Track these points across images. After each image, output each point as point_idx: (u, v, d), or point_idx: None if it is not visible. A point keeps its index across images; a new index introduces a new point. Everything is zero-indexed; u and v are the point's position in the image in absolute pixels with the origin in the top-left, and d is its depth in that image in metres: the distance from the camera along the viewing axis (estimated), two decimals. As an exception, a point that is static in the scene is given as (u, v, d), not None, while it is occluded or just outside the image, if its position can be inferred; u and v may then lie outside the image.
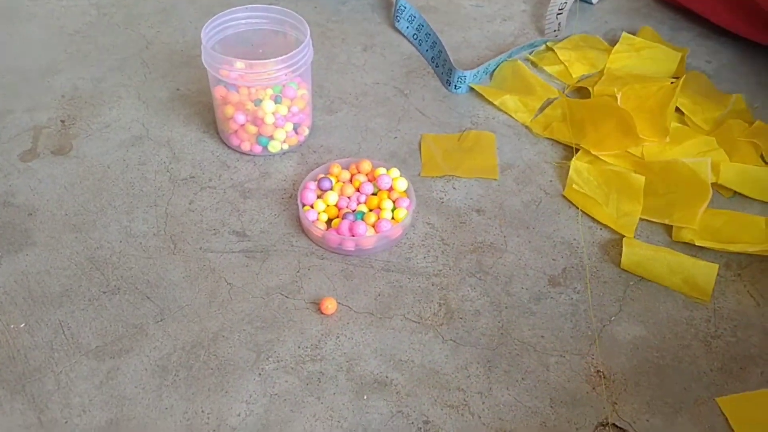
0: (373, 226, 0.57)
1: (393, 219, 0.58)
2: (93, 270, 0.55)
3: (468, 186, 0.63)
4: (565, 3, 0.80)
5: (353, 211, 0.58)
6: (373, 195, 0.60)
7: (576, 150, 0.65)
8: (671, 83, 0.68)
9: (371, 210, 0.59)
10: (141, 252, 0.56)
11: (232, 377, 0.49)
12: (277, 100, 0.62)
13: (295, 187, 0.62)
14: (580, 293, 0.54)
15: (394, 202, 0.59)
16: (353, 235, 0.56)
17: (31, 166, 0.63)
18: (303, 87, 0.64)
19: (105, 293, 0.53)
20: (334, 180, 0.60)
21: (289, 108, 0.63)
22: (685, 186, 0.59)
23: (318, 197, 0.59)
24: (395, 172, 0.61)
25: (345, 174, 0.61)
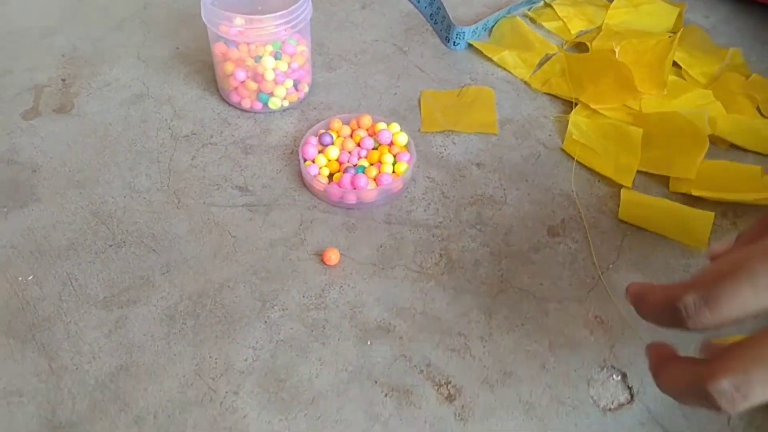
0: (374, 179, 0.57)
1: (394, 173, 0.58)
2: (98, 224, 0.56)
3: (468, 141, 0.63)
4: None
5: (354, 166, 0.59)
6: (374, 150, 0.60)
7: (575, 104, 0.65)
8: (669, 37, 0.68)
9: (372, 164, 0.59)
10: (145, 207, 0.57)
11: (238, 325, 0.50)
12: (277, 56, 0.63)
13: (296, 144, 0.62)
14: (578, 243, 0.55)
15: (394, 156, 0.59)
16: (355, 188, 0.56)
17: (34, 124, 0.63)
18: (302, 43, 0.64)
19: (111, 246, 0.54)
20: (335, 135, 0.61)
21: (289, 64, 0.63)
22: (683, 137, 0.60)
23: (319, 152, 0.60)
24: (395, 126, 0.61)
25: (345, 129, 0.62)
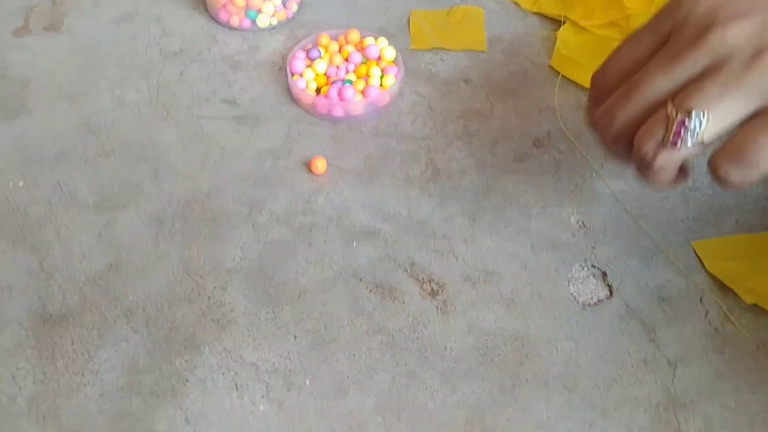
0: (362, 92, 0.58)
1: (381, 86, 0.59)
2: (88, 134, 0.56)
3: (456, 58, 0.64)
4: None
5: (342, 80, 0.59)
6: (362, 64, 0.61)
7: (563, 22, 0.65)
8: (660, -44, 0.68)
9: (360, 78, 0.60)
10: (134, 118, 0.57)
11: (226, 228, 0.50)
12: (265, -28, 0.63)
13: (285, 61, 0.62)
14: (563, 153, 0.56)
15: (382, 70, 0.60)
16: (342, 100, 0.57)
17: (24, 41, 0.64)
18: (291, -40, 0.64)
19: (100, 155, 0.55)
20: (322, 50, 0.61)
21: (277, -19, 0.63)
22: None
23: (307, 66, 0.60)
24: (383, 41, 0.61)
25: (333, 45, 0.62)
